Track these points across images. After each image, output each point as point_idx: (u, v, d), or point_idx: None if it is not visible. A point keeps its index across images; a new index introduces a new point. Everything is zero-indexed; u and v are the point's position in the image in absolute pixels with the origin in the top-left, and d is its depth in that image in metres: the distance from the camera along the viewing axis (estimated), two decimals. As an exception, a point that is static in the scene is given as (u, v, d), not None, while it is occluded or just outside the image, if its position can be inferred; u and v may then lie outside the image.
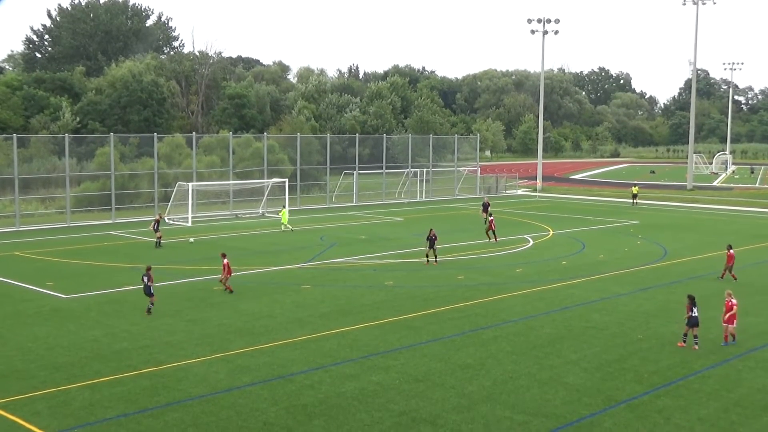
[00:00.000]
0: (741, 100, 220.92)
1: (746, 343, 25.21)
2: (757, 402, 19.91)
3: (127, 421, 18.06)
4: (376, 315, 28.02)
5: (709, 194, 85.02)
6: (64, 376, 21.13)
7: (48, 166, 58.39)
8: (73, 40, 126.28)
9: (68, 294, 31.27)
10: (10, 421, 17.95)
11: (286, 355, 23.23)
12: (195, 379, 21.03)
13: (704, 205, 72.15)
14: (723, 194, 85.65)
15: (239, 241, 46.27)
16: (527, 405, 19.41)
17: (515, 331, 26.36)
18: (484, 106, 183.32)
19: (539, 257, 41.70)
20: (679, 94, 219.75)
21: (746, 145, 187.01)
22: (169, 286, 32.87)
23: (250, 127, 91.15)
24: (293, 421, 18.23)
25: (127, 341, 24.54)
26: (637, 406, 19.42)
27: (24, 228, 50.82)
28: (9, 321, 26.95)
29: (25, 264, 38.13)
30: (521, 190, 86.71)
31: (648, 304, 30.44)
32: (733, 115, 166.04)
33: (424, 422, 18.12)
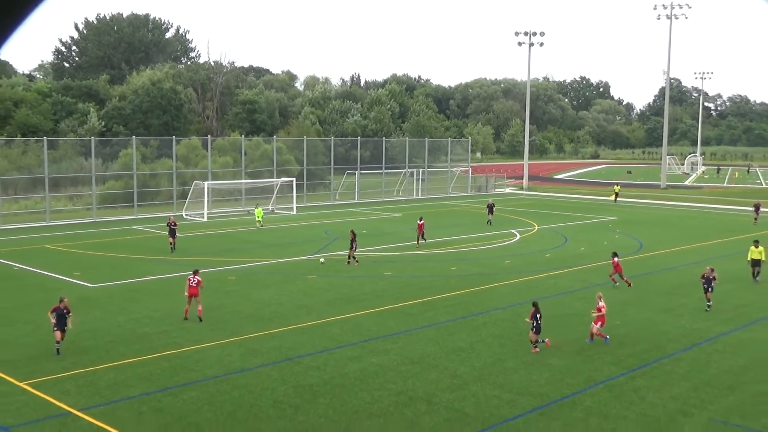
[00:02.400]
0: (711, 106, 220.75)
1: (715, 328, 25.29)
2: (725, 382, 19.97)
3: (149, 399, 18.11)
4: (376, 303, 28.08)
5: (681, 193, 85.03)
6: (90, 358, 21.19)
7: (76, 166, 58.37)
8: (99, 50, 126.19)
9: (94, 283, 31.33)
10: (41, 399, 18.01)
11: (294, 339, 23.29)
12: (210, 360, 21.09)
13: (677, 203, 72.17)
14: (694, 192, 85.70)
15: (251, 234, 46.31)
16: (514, 385, 19.47)
17: (503, 317, 26.43)
18: (475, 111, 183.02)
19: (525, 250, 41.75)
20: (653, 100, 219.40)
21: (715, 147, 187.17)
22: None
23: (261, 131, 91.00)
24: (300, 399, 18.29)
25: (149, 326, 24.60)
26: (615, 386, 19.49)
27: (54, 223, 50.84)
28: (40, 308, 26.94)
29: (55, 256, 38.18)
30: (509, 189, 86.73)
31: (625, 293, 30.50)
32: (703, 120, 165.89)
33: (420, 400, 18.18)
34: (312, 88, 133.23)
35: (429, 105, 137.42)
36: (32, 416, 16.93)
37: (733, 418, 17.55)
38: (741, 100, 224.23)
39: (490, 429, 16.70)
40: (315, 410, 17.61)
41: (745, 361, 21.80)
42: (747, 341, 23.85)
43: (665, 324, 25.27)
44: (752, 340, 23.97)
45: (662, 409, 17.94)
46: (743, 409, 18.07)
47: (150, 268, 34.42)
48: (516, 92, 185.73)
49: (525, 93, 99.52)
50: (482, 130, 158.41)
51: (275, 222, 52.90)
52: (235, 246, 41.82)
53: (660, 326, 25.23)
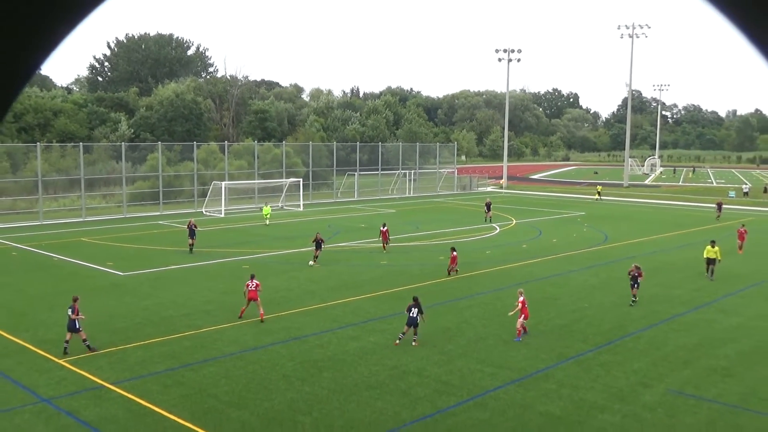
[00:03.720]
0: (667, 114, 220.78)
1: (672, 310, 25.34)
2: (680, 357, 20.02)
3: (173, 374, 18.11)
4: (373, 288, 28.08)
5: (641, 191, 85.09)
6: (121, 338, 21.17)
7: (108, 169, 58.22)
8: (128, 66, 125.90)
9: (125, 272, 31.28)
10: (78, 375, 17.99)
11: (301, 320, 23.28)
12: (227, 340, 21.08)
13: (637, 200, 72.28)
14: (652, 191, 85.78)
15: (263, 229, 46.23)
16: (495, 360, 19.49)
17: (485, 301, 26.45)
18: (460, 119, 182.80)
19: (504, 241, 41.78)
20: (617, 109, 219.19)
21: (671, 150, 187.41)
22: (206, 266, 32.90)
23: (271, 137, 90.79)
24: (306, 373, 18.29)
25: (172, 310, 24.58)
26: (583, 361, 19.52)
27: (89, 219, 50.72)
28: (77, 294, 26.91)
29: (90, 248, 38.11)
30: (490, 187, 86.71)
31: (592, 279, 30.56)
32: (661, 127, 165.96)
33: (412, 374, 18.19)
34: (317, 99, 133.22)
35: (419, 114, 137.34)
36: (70, 389, 16.92)
37: (688, 389, 17.58)
38: (694, 109, 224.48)
39: (473, 399, 16.71)
40: (320, 383, 17.62)
41: (698, 339, 21.86)
42: (699, 322, 23.91)
43: (627, 307, 25.31)
44: (704, 321, 24.03)
45: (625, 381, 17.97)
46: (696, 381, 18.11)
47: (173, 259, 34.37)
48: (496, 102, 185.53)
49: (504, 103, 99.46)
50: (466, 136, 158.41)
51: (284, 217, 52.85)
52: (248, 239, 41.79)
53: (623, 308, 25.27)
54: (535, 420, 15.60)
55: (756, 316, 24.69)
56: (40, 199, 50.08)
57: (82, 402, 16.28)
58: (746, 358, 20.07)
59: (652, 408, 16.35)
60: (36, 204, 50.26)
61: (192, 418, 15.43)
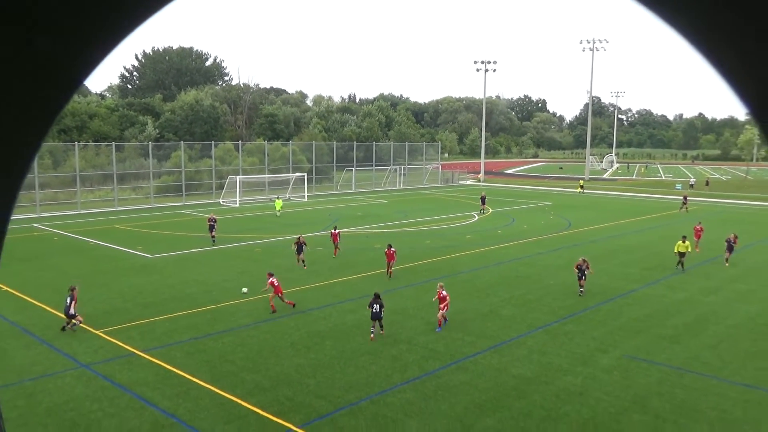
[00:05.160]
0: (623, 117, 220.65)
1: (626, 286, 25.45)
2: (633, 327, 20.14)
3: (195, 343, 18.10)
4: (368, 268, 28.08)
5: (600, 183, 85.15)
6: (150, 312, 21.13)
7: (137, 165, 57.83)
8: (154, 75, 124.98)
9: (152, 254, 31.18)
10: (112, 344, 17.96)
11: (306, 296, 23.28)
12: (243, 313, 21.08)
13: (597, 191, 72.38)
14: (610, 183, 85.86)
15: (272, 217, 46.11)
16: (474, 330, 19.55)
17: (465, 279, 26.50)
18: (444, 122, 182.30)
19: (482, 227, 41.84)
20: (579, 113, 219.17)
21: (626, 149, 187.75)
22: (223, 249, 32.82)
23: (279, 137, 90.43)
24: (311, 341, 18.31)
25: (195, 287, 24.53)
26: (550, 331, 19.60)
27: (120, 208, 50.49)
28: (111, 274, 26.88)
29: (122, 233, 37.96)
30: (469, 181, 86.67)
31: (558, 260, 30.65)
32: (617, 128, 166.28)
33: (402, 342, 18.24)
34: (319, 104, 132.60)
35: (408, 117, 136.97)
36: (106, 356, 16.90)
37: (640, 354, 17.70)
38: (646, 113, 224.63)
39: (456, 362, 16.77)
40: (323, 350, 17.65)
41: (649, 311, 21.98)
42: (650, 296, 24.03)
43: (589, 283, 25.39)
44: (654, 295, 24.15)
45: (586, 347, 18.07)
46: (648, 348, 18.23)
47: (195, 243, 34.26)
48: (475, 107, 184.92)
49: (482, 108, 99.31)
50: (449, 136, 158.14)
51: (291, 207, 52.72)
52: (260, 225, 41.69)
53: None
54: (509, 381, 15.68)
55: (699, 291, 24.85)
56: (78, 191, 49.80)
57: (116, 367, 16.27)
58: (690, 327, 20.21)
59: (610, 370, 16.45)
60: (74, 196, 49.98)
61: (212, 380, 15.44)
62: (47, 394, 14.61)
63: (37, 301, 22.36)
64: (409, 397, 14.67)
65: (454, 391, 14.99)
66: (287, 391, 14.94)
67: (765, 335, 19.50)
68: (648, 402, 14.58)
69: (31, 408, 13.93)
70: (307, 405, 14.18)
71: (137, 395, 14.60)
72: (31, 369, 16.16)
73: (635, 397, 14.80)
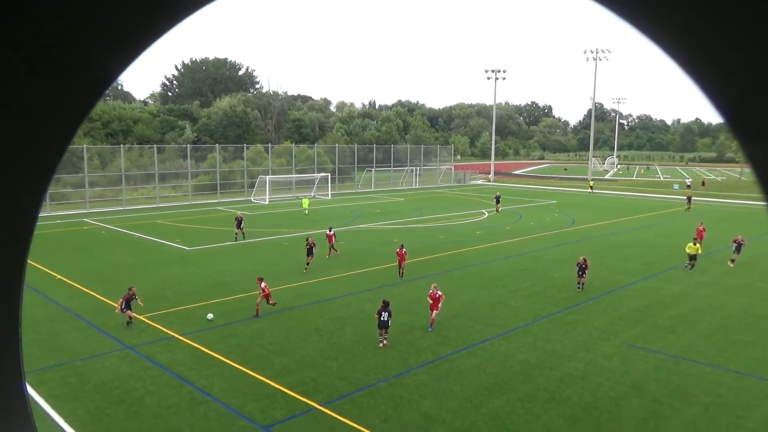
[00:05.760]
0: (624, 122, 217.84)
1: (626, 279, 25.18)
2: (633, 317, 19.93)
3: (228, 328, 18.25)
4: (385, 260, 28.06)
5: (602, 184, 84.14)
6: (188, 299, 21.34)
7: (176, 165, 58.35)
8: (192, 83, 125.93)
9: (190, 247, 31.47)
10: (154, 328, 18.17)
11: (329, 286, 23.35)
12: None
13: (599, 191, 71.56)
14: (611, 184, 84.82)
15: (299, 213, 46.27)
16: (483, 319, 19.48)
17: (476, 271, 26.40)
18: (456, 126, 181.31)
19: (491, 224, 41.62)
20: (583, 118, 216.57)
21: (627, 151, 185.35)
22: (254, 242, 33.01)
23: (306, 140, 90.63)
24: (334, 327, 18.38)
25: (228, 276, 24.72)
26: (554, 320, 19.47)
27: (161, 205, 51.04)
28: (153, 265, 27.19)
29: (163, 228, 38.37)
30: (480, 181, 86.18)
31: (562, 254, 30.40)
32: (619, 132, 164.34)
33: (417, 329, 18.23)
34: (341, 110, 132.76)
35: (424, 122, 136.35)
36: (148, 338, 17.12)
37: (639, 342, 17.51)
38: (646, 117, 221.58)
39: (466, 348, 16.73)
40: (344, 335, 17.71)
41: (647, 302, 21.73)
42: (649, 288, 23.75)
43: (591, 276, 25.15)
44: (652, 288, 23.87)
45: (587, 336, 17.92)
46: (646, 336, 18.03)
47: (228, 237, 34.49)
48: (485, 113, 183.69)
49: (492, 113, 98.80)
50: (461, 140, 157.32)
51: (316, 204, 52.88)
52: (287, 221, 41.89)
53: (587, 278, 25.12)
54: (516, 366, 15.61)
55: (694, 285, 24.50)
56: (123, 189, 50.42)
57: (157, 349, 16.47)
58: (686, 318, 19.94)
59: (610, 357, 16.30)
60: (120, 193, 50.61)
61: (244, 362, 15.57)
62: (95, 373, 14.85)
63: (86, 288, 22.70)
64: (423, 379, 14.67)
65: (464, 374, 14.96)
66: (312, 372, 15.03)
67: (757, 326, 19.18)
68: (646, 387, 14.43)
69: (81, 384, 14.17)
70: (330, 386, 14.24)
71: (176, 374, 14.78)
72: (81, 350, 16.44)
73: (634, 383, 14.65)
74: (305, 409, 13.01)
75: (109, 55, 0.65)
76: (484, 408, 13.21)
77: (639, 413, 13.07)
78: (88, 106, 0.69)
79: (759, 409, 13.37)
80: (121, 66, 0.67)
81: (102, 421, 12.44)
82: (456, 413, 12.95)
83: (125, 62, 0.67)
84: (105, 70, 0.66)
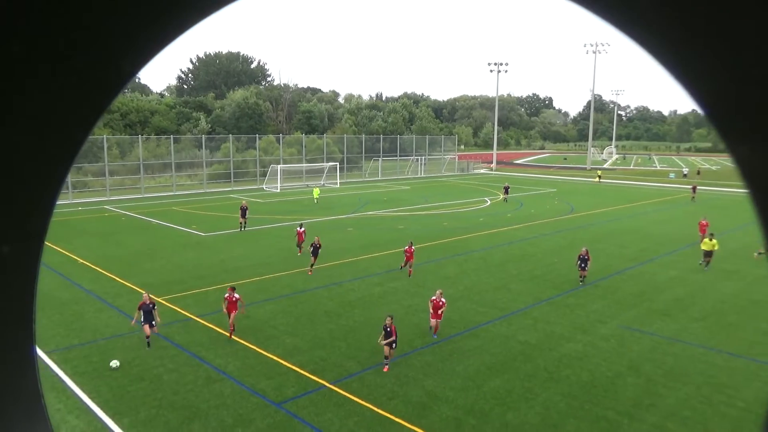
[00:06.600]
0: (622, 113, 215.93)
1: (623, 264, 25.09)
2: (629, 300, 19.89)
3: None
4: (392, 246, 28.08)
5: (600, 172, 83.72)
6: (203, 282, 21.45)
7: (192, 155, 58.42)
8: (206, 76, 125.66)
9: (205, 232, 31.59)
10: (172, 309, 18.30)
11: (338, 270, 23.40)
12: (283, 284, 21.28)
13: (594, 180, 71.14)
14: (609, 172, 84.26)
15: (309, 201, 46.31)
16: (486, 301, 19.49)
17: (479, 256, 26.39)
18: (460, 117, 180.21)
19: (493, 211, 41.51)
20: (583, 109, 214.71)
21: (625, 141, 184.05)
22: (267, 228, 33.07)
23: (315, 131, 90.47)
24: (342, 309, 18.44)
25: (241, 261, 24.82)
26: (554, 303, 19.46)
27: (178, 192, 51.19)
28: (170, 249, 27.33)
29: (179, 214, 38.51)
30: (483, 170, 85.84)
31: (561, 240, 30.32)
32: (617, 123, 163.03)
33: (422, 311, 18.26)
34: (350, 101, 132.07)
35: (429, 113, 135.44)
36: (166, 320, 17.24)
37: (635, 325, 17.49)
38: (643, 109, 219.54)
39: (469, 330, 16.77)
40: (352, 317, 17.78)
41: (643, 287, 21.67)
42: (644, 273, 23.67)
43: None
44: (648, 273, 23.79)
45: (585, 318, 17.92)
46: (641, 320, 18.00)
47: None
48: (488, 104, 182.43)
49: (494, 105, 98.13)
50: (465, 130, 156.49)
51: (325, 193, 52.87)
52: (298, 208, 41.93)
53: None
54: (516, 347, 15.64)
55: (688, 270, 24.39)
56: (141, 177, 50.60)
57: (174, 329, 16.60)
58: (680, 302, 19.88)
59: (607, 339, 16.30)
60: (139, 182, 50.79)
61: (257, 342, 15.68)
62: (117, 352, 14.99)
63: (107, 272, 22.86)
64: (428, 359, 14.73)
65: (467, 355, 15.01)
66: (321, 352, 15.11)
67: (748, 310, 19.10)
68: (641, 367, 14.43)
69: (103, 363, 14.33)
70: (339, 365, 14.33)
71: (193, 354, 14.90)
72: (103, 330, 16.59)
73: (630, 363, 14.65)
74: (315, 387, 13.11)
75: (122, 57, 0.67)
76: (486, 387, 13.26)
77: (634, 392, 13.09)
78: (100, 109, 0.70)
79: (749, 389, 13.35)
80: (133, 69, 0.68)
81: (123, 398, 12.59)
82: (459, 391, 13.01)
83: (138, 65, 0.68)
84: (117, 73, 0.68)
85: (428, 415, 11.98)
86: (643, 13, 0.61)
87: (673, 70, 0.62)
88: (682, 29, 0.59)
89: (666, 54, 0.61)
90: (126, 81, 0.69)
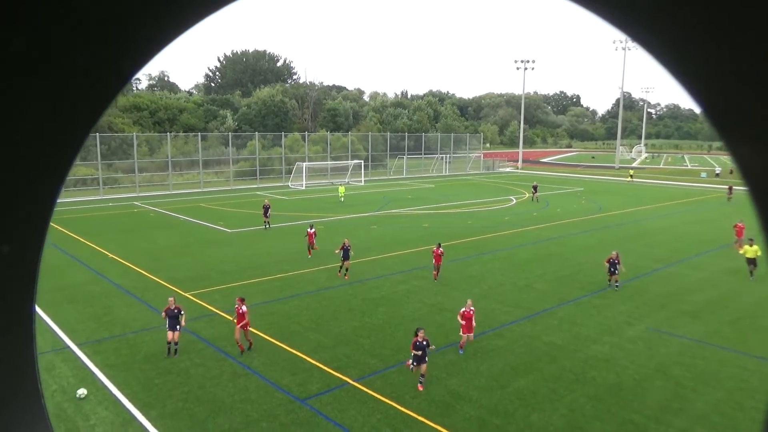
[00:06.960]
0: (652, 111, 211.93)
1: (653, 265, 24.62)
2: (657, 301, 19.51)
3: (266, 306, 18.52)
4: (416, 244, 28.06)
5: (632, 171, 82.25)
6: (228, 278, 21.71)
7: (219, 152, 59.21)
8: (233, 74, 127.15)
9: (231, 229, 31.96)
10: (197, 304, 18.57)
11: (362, 268, 23.45)
12: (307, 281, 21.41)
13: (626, 179, 69.91)
14: (638, 171, 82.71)
15: (334, 198, 46.50)
16: (510, 301, 19.33)
17: (504, 255, 26.18)
18: (485, 115, 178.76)
19: (519, 210, 41.12)
20: (611, 107, 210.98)
21: (654, 140, 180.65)
22: (292, 225, 33.30)
23: (340, 129, 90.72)
24: (366, 307, 18.48)
25: (266, 257, 25.04)
26: (580, 304, 19.20)
27: (205, 189, 51.91)
28: (196, 246, 27.72)
29: (206, 211, 39.03)
30: (508, 168, 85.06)
31: (588, 240, 29.89)
32: (647, 121, 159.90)
33: (446, 310, 18.21)
34: (375, 99, 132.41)
35: (454, 111, 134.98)
36: (194, 314, 17.52)
37: (663, 327, 17.15)
38: (674, 107, 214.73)
39: (493, 330, 16.65)
40: (376, 315, 17.80)
41: (672, 288, 21.23)
42: (674, 275, 23.19)
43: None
44: (677, 274, 23.30)
45: (613, 320, 17.64)
46: (670, 322, 17.65)
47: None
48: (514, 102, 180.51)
49: (521, 103, 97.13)
50: (490, 128, 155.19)
51: (350, 190, 53.01)
52: (323, 206, 42.14)
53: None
54: (542, 347, 15.48)
55: (719, 271, 23.81)
56: (169, 174, 51.43)
57: (201, 324, 16.85)
58: (710, 304, 19.43)
59: (635, 341, 16.02)
60: (167, 178, 51.64)
61: (281, 338, 15.82)
62: (145, 345, 15.29)
63: (136, 266, 23.31)
64: (451, 358, 14.67)
65: (491, 355, 14.91)
66: (345, 349, 15.18)
67: (783, 313, 18.56)
68: (670, 370, 14.15)
69: (132, 355, 14.62)
70: (363, 362, 14.37)
71: (219, 348, 15.11)
72: (132, 323, 16.94)
73: (658, 366, 14.38)
74: (339, 384, 13.17)
75: (122, 57, 0.65)
76: (510, 387, 13.16)
77: (662, 395, 12.84)
78: (100, 109, 0.70)
79: (784, 394, 12.98)
80: (133, 69, 0.68)
81: (151, 390, 12.83)
82: (482, 391, 12.93)
83: (137, 65, 0.68)
84: (117, 73, 0.68)
85: (451, 414, 11.94)
86: (643, 13, 0.61)
87: (673, 70, 0.62)
88: (682, 29, 0.59)
89: (666, 54, 0.61)
90: (126, 81, 0.70)
